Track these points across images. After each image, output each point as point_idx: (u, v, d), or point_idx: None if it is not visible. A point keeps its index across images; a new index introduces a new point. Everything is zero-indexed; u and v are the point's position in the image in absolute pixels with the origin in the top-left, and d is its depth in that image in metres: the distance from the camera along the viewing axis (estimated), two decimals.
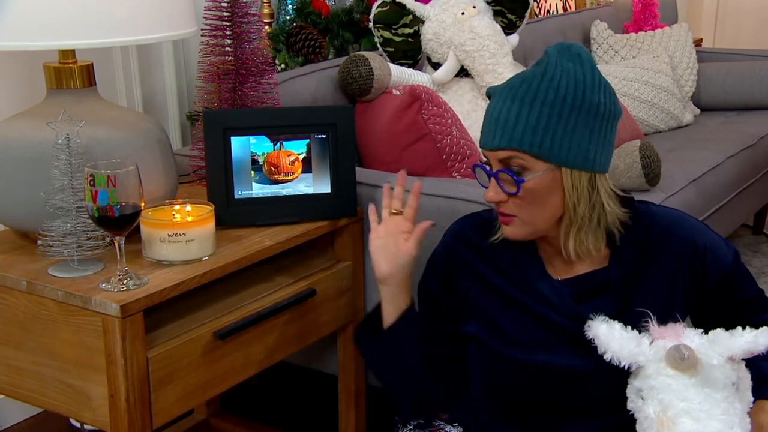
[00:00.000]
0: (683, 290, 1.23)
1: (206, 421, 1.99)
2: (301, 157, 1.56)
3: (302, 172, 1.57)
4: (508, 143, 1.14)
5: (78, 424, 1.98)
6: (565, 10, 3.70)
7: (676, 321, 1.20)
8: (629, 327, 1.11)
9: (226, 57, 1.61)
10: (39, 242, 1.33)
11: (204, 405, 1.98)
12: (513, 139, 1.13)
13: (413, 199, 1.37)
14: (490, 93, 1.19)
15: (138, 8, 1.33)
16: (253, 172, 1.54)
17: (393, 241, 1.33)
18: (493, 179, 1.17)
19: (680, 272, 1.23)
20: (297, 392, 2.18)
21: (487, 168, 1.18)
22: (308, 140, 1.56)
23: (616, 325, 1.10)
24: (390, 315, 1.33)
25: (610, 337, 1.08)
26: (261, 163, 1.54)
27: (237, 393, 2.10)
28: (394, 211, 1.37)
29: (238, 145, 1.52)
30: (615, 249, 1.23)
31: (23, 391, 1.37)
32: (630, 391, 1.11)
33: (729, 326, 1.22)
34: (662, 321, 1.16)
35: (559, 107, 1.13)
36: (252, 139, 1.53)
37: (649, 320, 1.10)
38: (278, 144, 1.54)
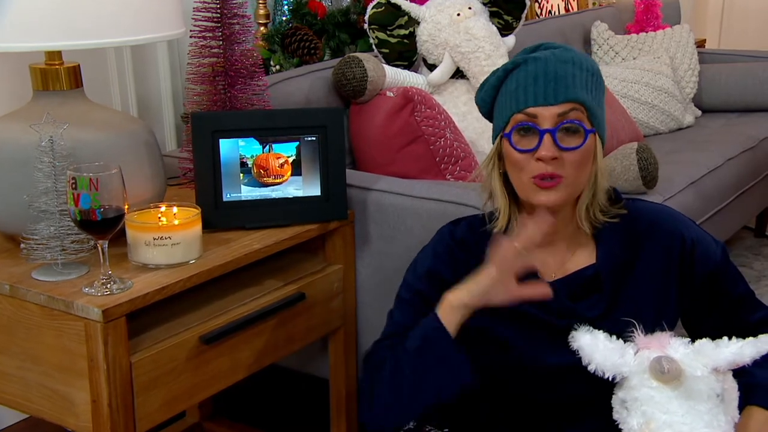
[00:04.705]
0: (674, 284, 1.23)
1: (199, 424, 1.98)
2: (290, 159, 1.55)
3: (291, 174, 1.55)
4: (575, 96, 1.16)
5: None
6: (567, 10, 3.68)
7: (669, 319, 1.21)
8: (614, 336, 1.09)
9: (216, 59, 1.60)
10: (22, 245, 1.32)
11: (196, 408, 1.97)
12: (577, 93, 1.16)
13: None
14: (519, 61, 1.19)
15: (124, 9, 1.32)
16: (241, 174, 1.53)
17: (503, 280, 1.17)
18: (547, 136, 1.15)
19: (670, 266, 1.23)
20: (289, 395, 2.17)
21: (539, 126, 1.16)
22: (298, 143, 1.54)
23: (600, 336, 1.08)
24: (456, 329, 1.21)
25: (593, 348, 1.06)
26: (250, 166, 1.53)
27: (229, 396, 2.09)
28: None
29: (227, 147, 1.51)
30: (601, 243, 1.23)
31: (8, 396, 1.36)
32: (615, 402, 1.09)
33: (719, 325, 1.22)
34: (657, 319, 1.16)
35: (598, 76, 1.21)
36: (241, 142, 1.51)
37: (635, 329, 1.08)
38: (267, 146, 1.53)
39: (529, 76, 1.17)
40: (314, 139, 1.55)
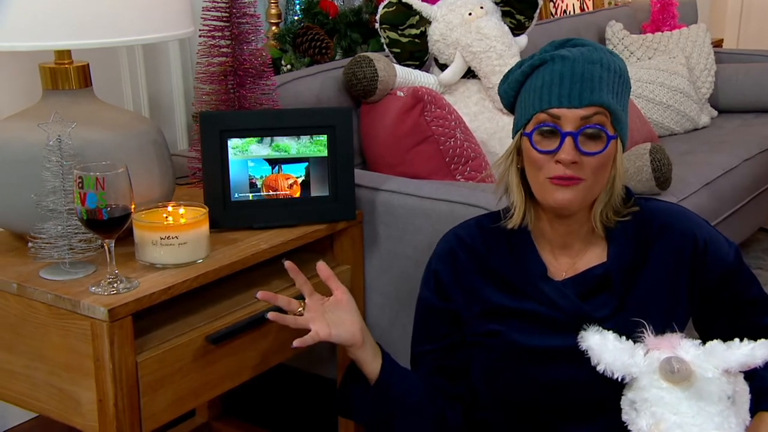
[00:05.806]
0: (685, 285, 1.22)
1: (208, 424, 1.98)
2: (299, 180, 1.54)
3: (301, 195, 1.54)
4: (600, 100, 1.14)
5: None
6: (582, 10, 3.65)
7: (679, 320, 1.19)
8: (623, 337, 1.08)
9: (225, 58, 1.59)
10: (30, 244, 1.32)
11: (206, 407, 1.97)
12: (603, 97, 1.14)
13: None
14: (546, 58, 1.17)
15: (132, 9, 1.31)
16: (251, 195, 1.52)
17: (328, 314, 1.28)
18: (568, 139, 1.13)
19: (681, 267, 1.21)
20: (298, 395, 2.17)
21: (561, 128, 1.14)
22: (307, 164, 1.53)
23: (610, 336, 1.07)
24: (374, 370, 1.27)
25: (602, 348, 1.05)
26: (259, 186, 1.52)
27: (238, 396, 2.09)
28: (300, 309, 1.28)
29: (237, 167, 1.50)
30: (613, 242, 1.21)
31: (15, 395, 1.36)
32: (624, 403, 1.08)
33: (730, 327, 1.20)
34: (666, 320, 1.14)
35: (625, 78, 1.18)
36: (250, 162, 1.51)
37: (645, 330, 1.06)
38: (277, 167, 1.53)
39: (555, 75, 1.15)
40: (324, 154, 1.53)
